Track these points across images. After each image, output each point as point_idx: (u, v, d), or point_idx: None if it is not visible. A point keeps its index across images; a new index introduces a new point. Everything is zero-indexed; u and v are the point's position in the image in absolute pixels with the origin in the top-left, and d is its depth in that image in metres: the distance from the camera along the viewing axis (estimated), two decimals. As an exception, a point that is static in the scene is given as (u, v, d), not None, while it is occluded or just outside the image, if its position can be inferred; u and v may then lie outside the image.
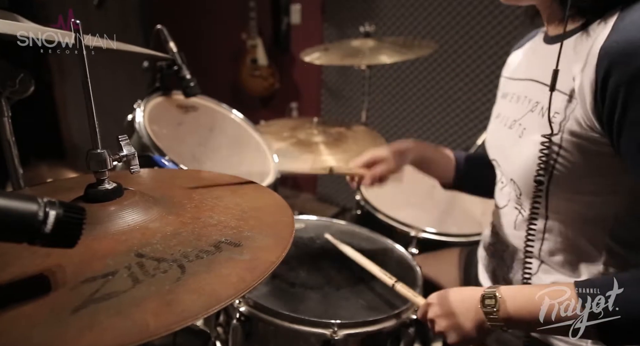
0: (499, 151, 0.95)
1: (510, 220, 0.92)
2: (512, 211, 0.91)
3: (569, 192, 0.78)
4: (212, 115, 1.42)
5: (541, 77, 0.84)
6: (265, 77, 3.18)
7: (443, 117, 2.60)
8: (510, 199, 0.92)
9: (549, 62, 0.78)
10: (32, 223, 0.41)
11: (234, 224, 0.59)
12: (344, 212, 3.03)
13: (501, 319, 0.72)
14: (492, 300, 0.73)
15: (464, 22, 2.37)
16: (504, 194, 0.95)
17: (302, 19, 3.02)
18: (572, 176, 0.75)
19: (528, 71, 0.92)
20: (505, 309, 0.72)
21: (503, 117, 0.95)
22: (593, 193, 0.76)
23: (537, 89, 0.84)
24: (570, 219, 0.80)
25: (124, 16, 3.33)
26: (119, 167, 0.98)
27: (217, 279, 0.47)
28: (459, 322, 0.77)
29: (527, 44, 1.02)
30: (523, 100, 0.89)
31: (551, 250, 0.84)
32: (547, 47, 0.86)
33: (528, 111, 0.85)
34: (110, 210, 0.57)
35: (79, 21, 0.53)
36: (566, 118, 0.73)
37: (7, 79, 0.75)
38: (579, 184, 0.76)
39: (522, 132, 0.85)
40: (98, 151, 0.58)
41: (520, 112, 0.88)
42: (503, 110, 0.97)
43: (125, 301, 0.43)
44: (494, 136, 1.01)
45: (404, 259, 1.12)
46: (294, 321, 0.85)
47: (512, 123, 0.89)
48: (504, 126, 0.93)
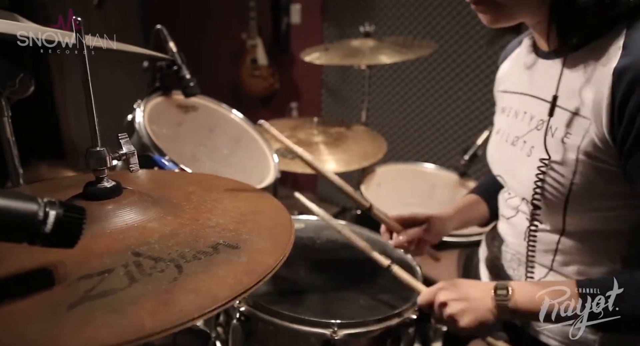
0: (504, 168, 0.94)
1: (520, 231, 0.91)
2: (522, 222, 0.90)
3: (587, 209, 0.78)
4: (212, 115, 1.42)
5: (541, 93, 0.83)
6: (265, 77, 3.18)
7: (443, 117, 2.60)
8: (520, 211, 0.91)
9: (549, 78, 0.77)
10: (32, 223, 0.41)
11: (232, 226, 0.59)
12: (344, 212, 3.02)
13: (510, 310, 0.76)
14: (505, 290, 0.77)
15: (464, 22, 2.37)
16: (511, 205, 0.94)
17: (302, 19, 3.02)
18: (590, 194, 0.76)
19: (524, 85, 0.90)
20: (516, 300, 0.76)
21: (504, 133, 0.93)
22: (611, 209, 0.76)
23: (538, 105, 0.83)
24: (587, 234, 0.80)
25: (124, 16, 3.33)
26: (119, 167, 0.98)
27: (214, 280, 0.47)
28: (474, 306, 0.79)
29: (514, 54, 0.99)
30: (523, 116, 0.87)
31: (565, 261, 0.84)
32: (542, 62, 0.84)
33: (532, 128, 0.83)
34: (108, 208, 0.57)
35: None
36: (581, 139, 0.73)
37: (7, 79, 0.75)
38: (595, 201, 0.76)
39: (531, 151, 0.83)
40: (98, 149, 0.58)
41: (523, 129, 0.86)
42: (502, 125, 0.95)
43: (122, 299, 0.43)
44: (496, 152, 0.98)
45: (404, 259, 1.12)
46: (294, 321, 0.85)
47: (515, 140, 0.88)
48: (505, 142, 0.91)
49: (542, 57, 0.85)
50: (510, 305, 0.76)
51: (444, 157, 2.63)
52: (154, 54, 1.12)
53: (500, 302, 0.77)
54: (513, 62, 0.99)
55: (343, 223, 1.27)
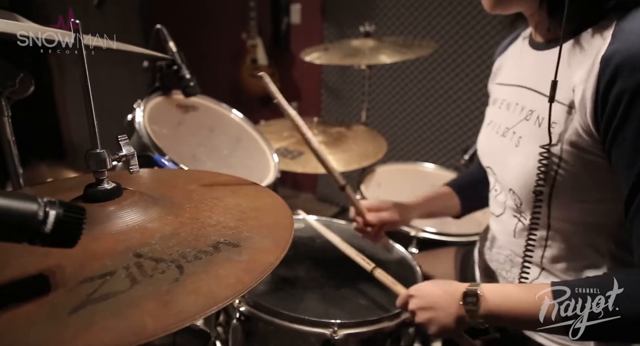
0: (493, 160, 0.94)
1: (509, 228, 0.91)
2: (510, 219, 0.90)
3: (571, 201, 0.77)
4: (212, 115, 1.42)
5: (533, 84, 0.83)
6: (265, 77, 3.18)
7: (443, 117, 2.60)
8: (507, 208, 0.91)
9: (541, 69, 0.78)
10: (31, 222, 0.41)
11: (233, 224, 0.59)
12: (344, 212, 3.02)
13: (480, 316, 0.74)
14: (474, 297, 0.75)
15: (464, 22, 2.37)
16: (499, 202, 0.94)
17: (302, 19, 3.02)
18: (574, 186, 0.75)
19: (517, 77, 0.91)
20: (487, 306, 0.74)
21: (495, 125, 0.94)
22: (595, 200, 0.76)
23: (529, 96, 0.83)
24: (573, 227, 0.80)
25: (124, 16, 3.32)
26: (119, 167, 0.98)
27: (215, 280, 0.47)
28: (439, 316, 0.79)
29: (510, 48, 1.01)
30: (514, 107, 0.88)
31: (554, 257, 0.83)
32: (536, 53, 0.85)
33: (522, 119, 0.84)
34: (109, 210, 0.57)
35: (79, 21, 0.53)
36: (565, 129, 0.73)
37: (7, 79, 0.75)
38: (581, 193, 0.76)
39: (519, 141, 0.84)
40: (97, 151, 0.58)
41: (513, 120, 0.87)
42: (494, 117, 0.96)
43: (123, 301, 0.43)
44: (486, 143, 0.99)
45: (404, 259, 1.12)
46: (294, 321, 0.85)
47: (505, 131, 0.88)
48: (496, 134, 0.92)
49: (536, 48, 0.86)
50: (482, 311, 0.74)
51: (444, 157, 2.64)
52: (154, 54, 1.11)
53: (469, 309, 0.75)
54: (509, 55, 1.01)
55: (343, 222, 1.27)
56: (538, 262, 0.86)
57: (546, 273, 0.85)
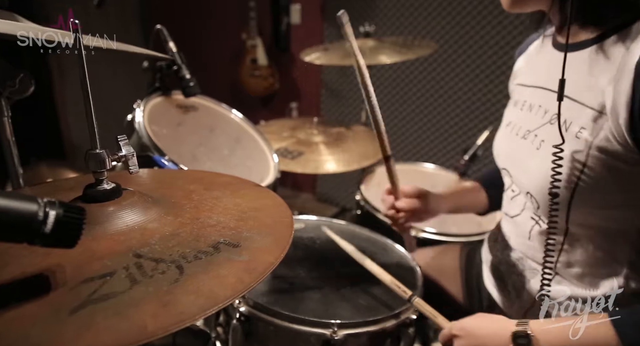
0: (511, 162, 0.92)
1: (524, 230, 0.89)
2: (527, 221, 0.89)
3: (592, 206, 0.76)
4: (212, 115, 1.42)
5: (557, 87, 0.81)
6: (265, 77, 3.18)
7: (443, 117, 2.60)
8: (525, 209, 0.89)
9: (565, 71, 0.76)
10: (31, 223, 0.41)
11: (233, 224, 0.59)
12: (344, 212, 3.02)
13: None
14: (525, 338, 0.70)
15: (464, 22, 2.36)
16: (516, 203, 0.92)
17: (302, 19, 3.02)
18: (596, 191, 0.74)
19: (539, 78, 0.88)
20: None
21: (514, 126, 0.91)
22: (617, 207, 0.74)
23: (553, 99, 0.80)
24: (593, 233, 0.78)
25: (124, 16, 3.33)
26: (119, 168, 0.98)
27: (215, 280, 0.47)
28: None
29: (531, 48, 0.99)
30: (537, 110, 0.85)
31: (569, 262, 0.82)
32: (560, 55, 0.82)
33: (546, 122, 0.82)
34: (109, 210, 0.57)
35: (79, 21, 0.53)
36: (595, 134, 0.71)
37: (7, 79, 0.75)
38: (603, 198, 0.74)
39: (540, 144, 0.81)
40: (97, 151, 0.58)
41: (535, 122, 0.84)
42: (514, 118, 0.94)
43: (123, 302, 0.43)
44: (504, 144, 0.97)
45: (404, 259, 1.12)
46: (293, 321, 0.85)
47: (526, 133, 0.86)
48: (516, 136, 0.90)
49: (560, 50, 0.83)
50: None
51: (444, 157, 2.64)
52: (154, 54, 1.11)
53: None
54: (531, 55, 0.99)
55: (343, 222, 1.27)
56: (552, 266, 0.84)
57: (559, 277, 0.84)
